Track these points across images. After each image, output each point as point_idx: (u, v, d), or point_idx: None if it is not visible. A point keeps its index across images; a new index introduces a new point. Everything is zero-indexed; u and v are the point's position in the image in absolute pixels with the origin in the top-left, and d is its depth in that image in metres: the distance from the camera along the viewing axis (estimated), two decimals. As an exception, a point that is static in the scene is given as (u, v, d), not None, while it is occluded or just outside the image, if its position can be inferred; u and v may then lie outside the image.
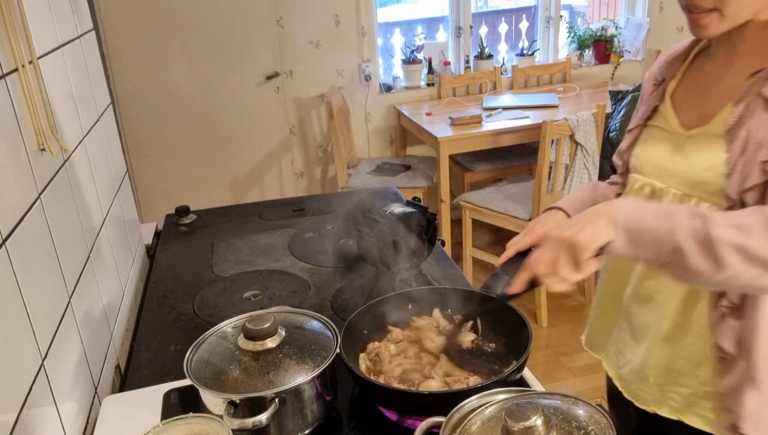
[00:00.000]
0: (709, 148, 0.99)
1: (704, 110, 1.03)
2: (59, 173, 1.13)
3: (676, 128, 1.06)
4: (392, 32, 3.97)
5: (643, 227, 0.86)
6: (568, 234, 0.88)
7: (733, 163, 0.94)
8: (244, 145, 3.60)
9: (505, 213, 3.05)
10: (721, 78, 1.02)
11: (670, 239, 0.84)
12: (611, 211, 0.88)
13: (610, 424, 0.75)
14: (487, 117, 3.34)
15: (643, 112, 1.14)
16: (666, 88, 1.11)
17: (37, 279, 0.94)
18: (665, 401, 1.10)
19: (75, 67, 1.37)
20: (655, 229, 0.85)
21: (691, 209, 0.87)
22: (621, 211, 0.88)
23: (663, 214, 0.86)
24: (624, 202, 0.90)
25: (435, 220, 1.34)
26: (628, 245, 0.87)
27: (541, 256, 0.92)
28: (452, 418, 0.84)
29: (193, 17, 3.29)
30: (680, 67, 1.11)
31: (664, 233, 0.84)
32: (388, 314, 1.17)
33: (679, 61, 1.12)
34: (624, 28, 4.08)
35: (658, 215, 0.86)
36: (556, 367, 2.78)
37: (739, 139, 0.94)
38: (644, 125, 1.14)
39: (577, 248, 0.87)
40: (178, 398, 1.09)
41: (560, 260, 0.89)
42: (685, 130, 1.04)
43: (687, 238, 0.83)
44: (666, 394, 1.10)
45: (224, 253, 1.67)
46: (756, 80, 0.95)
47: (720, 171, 0.96)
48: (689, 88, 1.08)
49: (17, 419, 0.81)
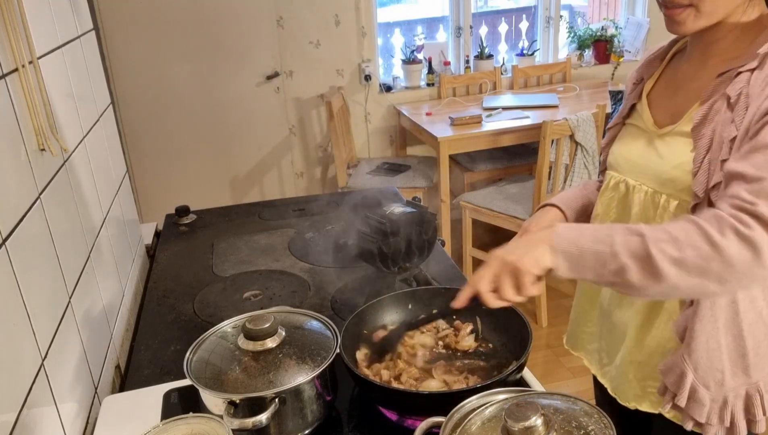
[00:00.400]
0: (678, 146, 1.02)
1: (676, 108, 1.05)
2: (59, 173, 1.13)
3: (650, 126, 1.08)
4: (392, 32, 3.97)
5: (582, 253, 0.87)
6: (511, 257, 0.90)
7: (699, 161, 0.97)
8: (244, 145, 3.60)
9: (505, 213, 3.05)
10: (693, 77, 1.05)
11: (611, 261, 0.86)
12: (552, 238, 0.90)
13: (610, 424, 0.75)
14: (487, 117, 3.34)
15: (622, 110, 1.17)
16: (644, 87, 1.14)
17: (37, 279, 0.94)
18: (645, 396, 1.13)
19: (75, 67, 1.37)
20: (594, 253, 0.87)
21: (628, 228, 0.88)
22: (560, 237, 0.89)
23: (601, 237, 0.87)
24: (564, 228, 0.91)
25: (435, 220, 1.34)
26: (570, 270, 0.89)
27: (483, 274, 0.93)
28: (452, 418, 0.84)
29: (193, 17, 3.29)
30: (658, 66, 1.14)
31: (606, 256, 0.86)
32: (388, 314, 1.17)
33: (658, 61, 1.14)
34: (624, 28, 4.08)
35: (597, 239, 0.87)
36: (556, 367, 2.78)
37: (705, 137, 0.97)
38: (623, 123, 1.17)
39: (520, 272, 0.89)
40: (178, 398, 1.09)
41: (502, 281, 0.91)
42: (658, 128, 1.07)
43: (628, 258, 0.85)
44: (645, 389, 1.12)
45: (224, 253, 1.67)
46: (722, 80, 0.97)
47: (687, 169, 0.99)
48: (664, 87, 1.11)
49: (17, 419, 0.81)
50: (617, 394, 1.17)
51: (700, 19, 0.96)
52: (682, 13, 0.96)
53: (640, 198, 1.08)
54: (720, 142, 0.94)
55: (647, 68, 1.15)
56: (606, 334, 1.20)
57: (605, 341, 1.21)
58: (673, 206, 1.02)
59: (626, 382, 1.14)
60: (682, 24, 0.97)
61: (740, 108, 0.92)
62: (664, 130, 1.05)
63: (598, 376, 1.25)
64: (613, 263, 0.86)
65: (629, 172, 1.11)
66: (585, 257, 0.87)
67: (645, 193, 1.07)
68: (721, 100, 0.96)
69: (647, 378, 1.11)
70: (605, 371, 1.22)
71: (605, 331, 1.20)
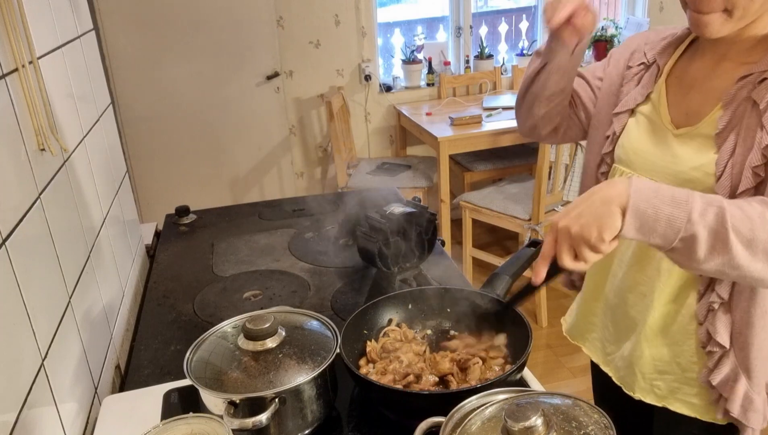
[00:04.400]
0: (698, 148, 1.00)
1: (692, 108, 1.04)
2: (59, 173, 1.13)
3: (666, 124, 1.06)
4: (392, 32, 3.97)
5: (658, 214, 0.82)
6: (576, 230, 0.82)
7: (723, 164, 0.96)
8: (244, 145, 3.60)
9: (505, 213, 3.05)
10: (708, 77, 1.03)
11: (685, 228, 0.81)
12: (627, 193, 0.82)
13: (610, 424, 0.75)
14: (487, 117, 3.34)
15: (635, 97, 1.12)
16: (659, 75, 1.10)
17: (37, 279, 0.94)
18: (650, 389, 1.13)
19: (75, 67, 1.37)
20: (669, 218, 0.81)
21: (706, 197, 0.84)
22: (639, 194, 0.82)
23: (679, 200, 0.82)
24: (641, 183, 0.83)
25: (435, 220, 1.34)
26: (637, 231, 0.83)
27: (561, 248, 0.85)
28: (452, 418, 0.84)
29: (193, 17, 3.29)
30: (672, 54, 1.11)
31: (681, 222, 0.81)
32: (388, 314, 1.17)
33: (672, 48, 1.11)
34: (624, 28, 4.08)
35: (675, 202, 0.82)
36: (556, 367, 2.78)
37: (729, 141, 0.96)
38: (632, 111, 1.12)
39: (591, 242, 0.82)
40: (178, 398, 1.09)
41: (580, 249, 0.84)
42: (675, 127, 1.05)
43: (703, 228, 0.81)
44: (651, 383, 1.13)
45: (224, 253, 1.67)
46: (744, 84, 0.96)
47: (708, 171, 0.98)
48: (677, 82, 1.09)
49: (17, 419, 0.81)
50: (623, 383, 1.18)
51: (729, 23, 0.94)
52: (712, 17, 0.94)
53: None
54: (745, 147, 0.93)
55: (661, 54, 1.11)
56: (610, 325, 1.20)
57: (609, 331, 1.21)
58: None
59: (632, 374, 1.15)
60: (708, 26, 0.95)
61: None
62: (681, 130, 1.04)
63: (602, 364, 1.25)
64: (686, 231, 0.81)
65: (641, 168, 1.09)
66: (659, 220, 0.81)
67: None
68: (745, 105, 0.95)
69: (654, 372, 1.12)
70: (609, 359, 1.22)
71: (609, 322, 1.20)
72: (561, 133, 1.26)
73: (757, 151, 0.92)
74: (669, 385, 1.11)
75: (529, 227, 2.98)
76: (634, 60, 1.15)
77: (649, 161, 1.07)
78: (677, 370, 1.10)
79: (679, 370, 1.09)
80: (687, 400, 1.10)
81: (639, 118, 1.12)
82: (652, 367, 1.12)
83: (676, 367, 1.10)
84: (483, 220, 3.17)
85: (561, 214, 0.86)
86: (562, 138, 1.27)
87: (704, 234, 0.81)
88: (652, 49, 1.13)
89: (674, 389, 1.11)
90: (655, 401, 1.13)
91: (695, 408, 1.10)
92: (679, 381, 1.10)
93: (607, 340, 1.22)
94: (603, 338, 1.23)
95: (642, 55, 1.14)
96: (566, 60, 1.12)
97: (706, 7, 0.93)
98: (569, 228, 0.83)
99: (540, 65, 1.15)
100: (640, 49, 1.15)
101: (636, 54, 1.15)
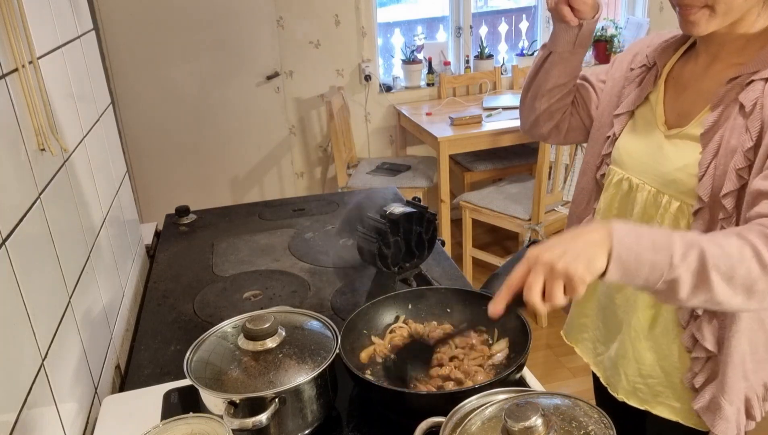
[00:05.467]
0: (685, 148, 1.01)
1: (684, 109, 1.05)
2: (59, 173, 1.13)
3: (660, 125, 1.07)
4: (392, 32, 3.97)
5: (640, 262, 0.81)
6: (561, 265, 0.80)
7: (705, 166, 0.96)
8: (244, 145, 3.60)
9: (505, 213, 3.05)
10: (699, 79, 1.04)
11: (668, 272, 0.81)
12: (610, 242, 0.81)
13: (610, 424, 0.75)
14: (487, 117, 3.34)
15: (636, 99, 1.13)
16: (658, 77, 1.11)
17: (37, 279, 0.94)
18: (634, 392, 1.14)
19: (75, 67, 1.37)
20: (652, 263, 0.81)
21: (685, 238, 0.83)
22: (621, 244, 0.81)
23: (660, 246, 0.82)
24: (622, 232, 0.82)
25: (435, 220, 1.34)
26: (620, 277, 0.82)
27: (532, 282, 0.82)
28: (452, 418, 0.84)
29: (193, 17, 3.29)
30: (671, 56, 1.12)
31: (663, 267, 0.81)
32: (388, 314, 1.17)
33: (671, 50, 1.12)
34: (624, 28, 4.08)
35: (656, 247, 0.81)
36: (556, 367, 2.78)
37: (713, 142, 0.96)
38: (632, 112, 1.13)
39: (572, 279, 0.80)
40: (178, 398, 1.09)
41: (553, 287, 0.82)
42: (667, 128, 1.06)
43: (685, 272, 0.81)
44: (634, 386, 1.14)
45: (224, 253, 1.67)
46: (732, 86, 0.96)
47: (692, 172, 0.99)
48: (673, 83, 1.10)
49: (17, 419, 0.81)
50: (608, 384, 1.19)
51: (715, 19, 0.95)
52: (697, 13, 0.95)
53: (642, 197, 1.07)
54: (729, 148, 0.94)
55: (661, 55, 1.12)
56: (601, 325, 1.21)
57: (600, 332, 1.22)
58: (674, 208, 1.02)
59: (617, 374, 1.16)
60: (696, 24, 0.96)
61: (755, 118, 0.92)
62: (672, 131, 1.04)
63: (592, 365, 1.26)
64: (668, 275, 0.81)
65: (633, 170, 1.10)
66: (641, 267, 0.81)
67: (648, 192, 1.06)
68: (732, 107, 0.95)
69: (637, 375, 1.12)
70: (599, 360, 1.23)
71: (600, 322, 1.21)
72: (563, 132, 1.26)
73: (741, 153, 0.92)
74: (652, 389, 1.11)
75: (529, 227, 2.98)
76: (636, 62, 1.16)
77: (640, 162, 1.09)
78: (659, 373, 1.10)
79: (661, 373, 1.10)
80: (668, 404, 1.10)
81: (637, 120, 1.12)
82: (635, 370, 1.12)
83: (659, 371, 1.10)
84: (483, 220, 3.17)
85: (542, 248, 0.83)
86: (564, 138, 1.28)
87: (687, 277, 0.81)
88: (653, 52, 1.14)
89: (657, 393, 1.11)
90: (638, 404, 1.13)
91: (676, 412, 1.10)
92: (662, 385, 1.10)
93: (598, 341, 1.23)
94: (594, 339, 1.24)
95: (644, 57, 1.15)
96: (569, 50, 1.13)
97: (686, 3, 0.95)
98: (553, 263, 0.80)
99: (545, 54, 1.18)
100: (642, 52, 1.16)
101: (638, 57, 1.17)
